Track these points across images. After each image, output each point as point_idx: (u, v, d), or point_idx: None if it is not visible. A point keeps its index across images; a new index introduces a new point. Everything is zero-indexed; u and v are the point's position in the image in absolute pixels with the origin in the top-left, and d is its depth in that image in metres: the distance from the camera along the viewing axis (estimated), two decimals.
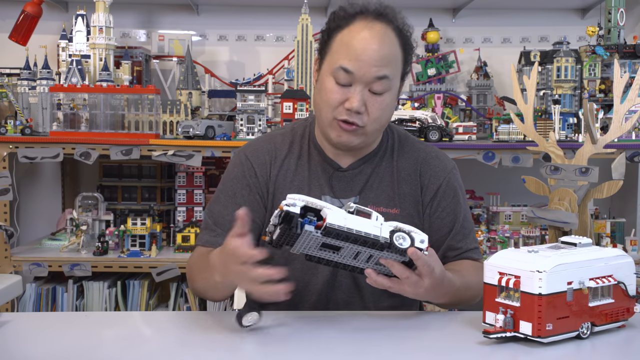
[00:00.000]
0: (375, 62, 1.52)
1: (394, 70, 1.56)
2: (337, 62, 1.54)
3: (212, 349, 1.26)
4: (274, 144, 1.70)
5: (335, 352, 1.23)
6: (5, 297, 2.35)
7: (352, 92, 1.53)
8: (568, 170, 1.71)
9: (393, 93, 1.59)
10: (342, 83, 1.54)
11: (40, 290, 3.00)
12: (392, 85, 1.56)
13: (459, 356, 1.24)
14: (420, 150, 1.72)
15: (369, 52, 1.51)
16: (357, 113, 1.53)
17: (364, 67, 1.51)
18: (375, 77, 1.52)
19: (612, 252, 1.34)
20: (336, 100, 1.54)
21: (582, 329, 1.27)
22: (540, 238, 3.00)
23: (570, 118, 3.05)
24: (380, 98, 1.55)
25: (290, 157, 1.68)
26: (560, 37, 3.36)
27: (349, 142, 1.58)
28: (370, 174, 1.67)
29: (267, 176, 1.66)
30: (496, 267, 1.28)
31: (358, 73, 1.52)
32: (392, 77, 1.55)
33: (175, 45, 3.43)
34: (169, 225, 3.18)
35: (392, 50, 1.55)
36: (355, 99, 1.52)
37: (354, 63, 1.52)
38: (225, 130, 2.99)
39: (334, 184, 1.66)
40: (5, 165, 2.87)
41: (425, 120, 2.99)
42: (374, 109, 1.55)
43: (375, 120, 1.56)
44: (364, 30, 1.53)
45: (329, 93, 1.56)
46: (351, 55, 1.52)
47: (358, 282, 1.64)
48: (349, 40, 1.54)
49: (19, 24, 3.01)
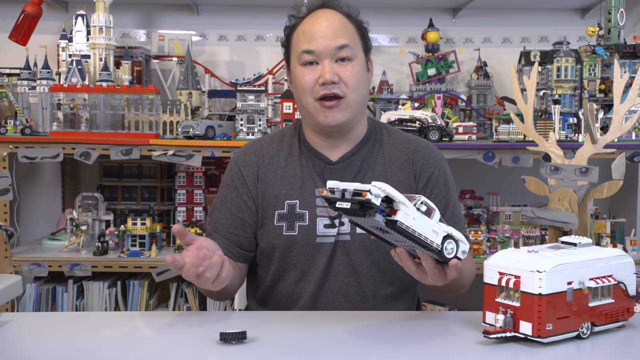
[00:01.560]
0: (331, 34, 1.65)
1: (351, 39, 1.67)
2: (299, 49, 1.67)
3: (212, 349, 1.26)
4: (261, 144, 1.79)
5: (335, 352, 1.23)
6: (5, 297, 2.35)
7: (321, 67, 1.65)
8: (568, 170, 1.71)
9: (360, 62, 1.69)
10: (309, 62, 1.66)
11: (40, 290, 3.00)
12: (356, 53, 1.67)
13: (459, 356, 1.24)
14: (411, 141, 1.79)
15: (322, 27, 1.65)
16: (333, 84, 1.62)
17: (322, 42, 1.64)
18: (336, 48, 1.64)
19: (612, 252, 1.34)
20: (310, 81, 1.65)
21: (582, 329, 1.27)
22: (540, 238, 3.00)
23: (570, 118, 3.05)
24: (349, 65, 1.65)
25: (280, 155, 1.76)
26: (560, 37, 3.36)
27: (336, 120, 1.66)
28: (361, 165, 1.73)
29: (254, 175, 1.74)
30: (496, 267, 1.28)
31: (319, 48, 1.64)
32: (352, 46, 1.66)
33: (175, 45, 3.43)
34: (169, 225, 3.18)
35: (343, 23, 1.68)
36: (326, 72, 1.63)
37: (313, 42, 1.65)
38: (225, 130, 2.99)
39: (325, 177, 1.71)
40: (5, 165, 2.87)
41: (425, 120, 2.98)
42: (347, 75, 1.65)
43: (353, 88, 1.65)
44: (313, 16, 1.69)
45: (301, 78, 1.67)
46: (308, 37, 1.66)
47: (356, 269, 1.68)
48: (302, 30, 1.69)
49: (19, 24, 3.01)
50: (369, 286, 1.68)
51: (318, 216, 1.69)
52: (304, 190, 1.71)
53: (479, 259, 2.89)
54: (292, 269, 1.70)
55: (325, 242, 1.69)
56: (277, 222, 1.70)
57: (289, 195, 1.71)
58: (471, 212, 3.25)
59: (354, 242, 1.68)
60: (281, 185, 1.72)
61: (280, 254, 1.71)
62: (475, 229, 3.03)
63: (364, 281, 1.67)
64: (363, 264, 1.69)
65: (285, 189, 1.72)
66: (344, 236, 1.69)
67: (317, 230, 1.69)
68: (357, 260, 1.69)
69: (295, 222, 1.69)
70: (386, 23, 3.56)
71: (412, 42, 3.59)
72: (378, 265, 1.70)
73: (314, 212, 1.70)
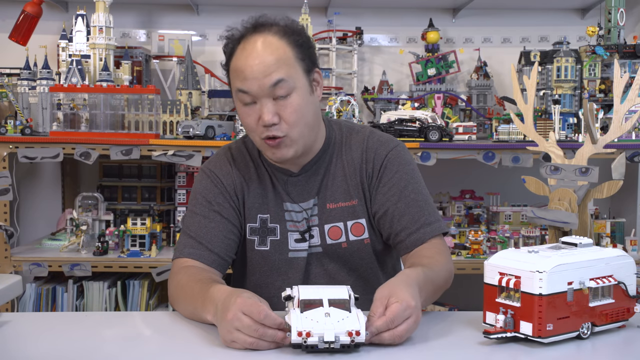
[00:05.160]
0: (263, 73, 1.52)
1: (288, 71, 1.54)
2: (235, 87, 1.57)
3: (212, 349, 1.25)
4: (231, 154, 1.73)
5: (334, 352, 1.22)
6: (5, 297, 2.35)
7: (259, 107, 1.54)
8: (568, 170, 1.71)
9: (301, 91, 1.56)
10: (248, 102, 1.56)
11: (40, 290, 3.00)
12: (294, 84, 1.54)
13: (459, 356, 1.24)
14: (364, 139, 1.70)
15: (252, 67, 1.52)
16: (273, 125, 1.54)
17: (255, 83, 1.52)
18: (271, 86, 1.52)
19: (613, 252, 1.34)
20: (253, 122, 1.56)
21: (583, 329, 1.27)
22: (540, 238, 3.00)
23: (570, 118, 3.05)
24: (288, 101, 1.54)
25: (249, 167, 1.70)
26: (560, 37, 3.36)
27: (283, 156, 1.59)
28: (324, 173, 1.69)
29: (232, 184, 1.68)
30: (496, 268, 1.28)
31: (253, 90, 1.53)
32: (288, 78, 1.53)
33: (175, 45, 3.43)
34: (169, 225, 3.18)
35: (278, 54, 1.54)
36: (264, 113, 1.53)
37: (246, 83, 1.53)
38: (225, 130, 2.99)
39: (289, 190, 1.68)
40: (5, 165, 2.86)
41: (425, 120, 2.98)
42: (286, 114, 1.54)
43: (294, 124, 1.56)
44: (244, 49, 1.55)
45: (243, 118, 1.59)
46: (241, 77, 1.54)
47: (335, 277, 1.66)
48: (235, 65, 1.57)
49: (19, 24, 3.01)
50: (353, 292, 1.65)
51: (288, 230, 1.67)
52: (275, 203, 1.68)
53: (479, 259, 2.89)
54: (268, 284, 1.68)
55: (298, 256, 1.67)
56: (249, 236, 1.68)
57: (261, 209, 1.68)
58: (471, 212, 3.25)
59: (326, 252, 1.67)
60: (254, 198, 1.68)
61: (252, 268, 1.69)
62: (475, 229, 3.03)
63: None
64: (340, 272, 1.68)
65: (258, 202, 1.68)
66: (315, 248, 1.67)
67: (289, 245, 1.67)
68: (333, 269, 1.68)
69: (267, 236, 1.67)
70: (386, 23, 3.56)
71: (412, 42, 3.59)
72: (357, 271, 1.69)
73: (284, 227, 1.67)
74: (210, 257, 1.60)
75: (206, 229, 1.63)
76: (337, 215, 1.67)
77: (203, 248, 1.60)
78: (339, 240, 1.67)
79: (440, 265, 1.53)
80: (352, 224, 1.67)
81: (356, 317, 1.21)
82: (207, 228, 1.63)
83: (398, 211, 1.62)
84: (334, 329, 1.18)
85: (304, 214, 1.68)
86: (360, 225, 1.68)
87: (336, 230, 1.67)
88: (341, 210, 1.67)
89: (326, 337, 1.17)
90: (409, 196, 1.64)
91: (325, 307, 1.21)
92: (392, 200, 1.63)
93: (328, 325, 1.19)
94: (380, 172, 1.66)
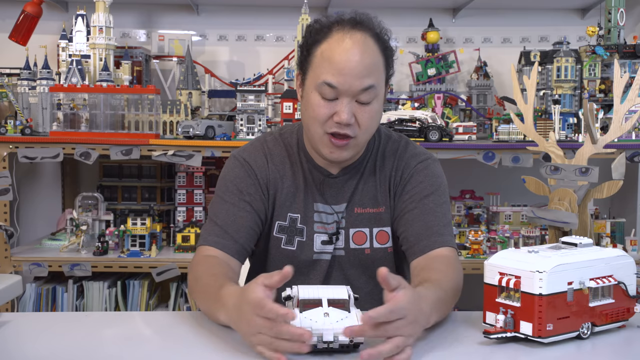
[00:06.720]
0: (359, 74, 1.49)
1: (378, 78, 1.53)
2: (320, 78, 1.51)
3: (212, 349, 1.25)
4: (267, 147, 1.69)
5: (334, 352, 1.22)
6: (5, 297, 2.35)
7: (340, 105, 1.51)
8: (568, 170, 1.70)
9: (380, 100, 1.57)
10: (328, 98, 1.51)
11: (40, 290, 3.00)
12: (378, 92, 1.54)
13: (459, 356, 1.24)
14: (398, 148, 1.70)
15: (351, 64, 1.48)
16: (347, 125, 1.52)
17: (348, 81, 1.49)
18: (361, 89, 1.50)
19: (613, 252, 1.34)
20: (325, 115, 1.52)
21: (583, 329, 1.27)
22: (540, 238, 3.00)
23: (570, 118, 3.05)
24: (368, 107, 1.53)
25: (285, 163, 1.67)
26: (560, 37, 3.36)
27: (341, 157, 1.58)
28: (359, 178, 1.68)
29: (266, 178, 1.65)
30: (496, 267, 1.28)
31: (343, 87, 1.49)
32: (377, 85, 1.53)
33: (175, 45, 3.43)
34: (169, 225, 3.18)
35: (374, 59, 1.52)
36: (344, 112, 1.50)
37: (338, 78, 1.49)
38: (225, 130, 2.99)
39: (324, 190, 1.66)
40: (5, 165, 2.86)
41: (425, 120, 2.98)
42: (363, 119, 1.53)
43: (366, 130, 1.55)
44: (343, 41, 1.50)
45: (316, 108, 1.53)
46: (334, 70, 1.49)
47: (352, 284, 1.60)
48: (329, 54, 1.51)
49: (19, 24, 3.01)
50: (368, 300, 1.64)
51: (315, 232, 1.65)
52: (305, 203, 1.66)
53: (479, 259, 2.89)
54: (288, 283, 1.67)
55: (322, 258, 1.66)
56: (277, 233, 1.66)
57: (292, 207, 1.65)
58: (471, 212, 3.25)
59: (349, 257, 1.66)
60: (286, 196, 1.66)
61: (273, 265, 1.66)
62: (475, 229, 3.03)
63: (362, 296, 1.58)
64: (359, 278, 1.66)
65: (289, 200, 1.66)
66: (338, 251, 1.66)
67: (314, 246, 1.65)
68: (352, 275, 1.67)
69: (295, 236, 1.65)
70: (386, 23, 3.55)
71: (412, 42, 3.60)
72: (375, 279, 1.67)
73: (311, 228, 1.65)
74: (234, 248, 1.58)
75: (234, 217, 1.60)
76: (364, 221, 1.66)
77: (228, 237, 1.58)
78: (362, 246, 1.66)
79: (450, 283, 1.45)
80: (377, 231, 1.67)
81: (355, 317, 1.21)
82: (235, 217, 1.60)
83: (413, 216, 1.61)
84: (333, 329, 1.18)
85: (335, 217, 1.66)
86: (385, 233, 1.67)
87: (361, 235, 1.67)
88: (368, 216, 1.67)
89: (325, 337, 1.18)
90: (427, 205, 1.61)
91: (324, 307, 1.21)
92: (411, 206, 1.62)
93: (327, 325, 1.19)
94: (406, 180, 1.66)
